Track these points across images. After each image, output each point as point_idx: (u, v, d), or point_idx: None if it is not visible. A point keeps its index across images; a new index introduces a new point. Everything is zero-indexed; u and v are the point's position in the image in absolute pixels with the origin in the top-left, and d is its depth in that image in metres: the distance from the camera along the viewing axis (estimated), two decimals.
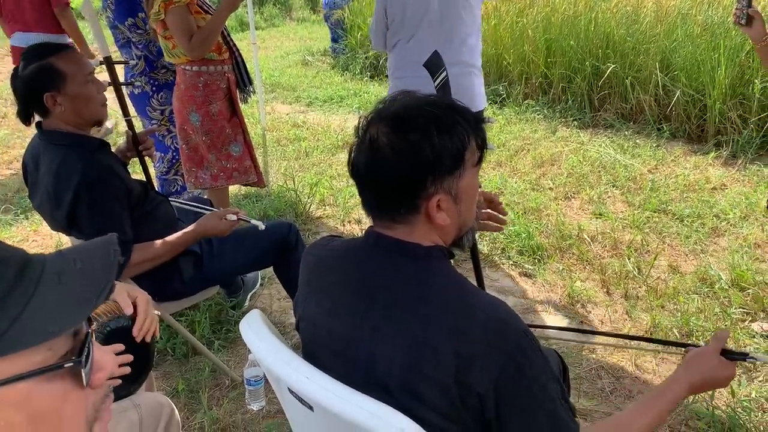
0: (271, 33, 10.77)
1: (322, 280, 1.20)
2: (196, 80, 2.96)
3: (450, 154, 1.06)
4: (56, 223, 2.15)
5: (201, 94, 2.98)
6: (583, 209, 3.86)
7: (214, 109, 3.02)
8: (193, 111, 3.00)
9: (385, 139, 1.06)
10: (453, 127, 1.08)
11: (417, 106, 1.09)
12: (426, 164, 1.05)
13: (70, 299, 0.64)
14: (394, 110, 1.09)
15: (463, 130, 1.09)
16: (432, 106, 1.09)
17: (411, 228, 1.11)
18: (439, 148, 1.05)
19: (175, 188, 3.67)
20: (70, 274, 0.66)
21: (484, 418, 1.04)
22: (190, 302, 2.44)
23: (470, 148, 1.10)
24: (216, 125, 3.05)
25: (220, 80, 3.01)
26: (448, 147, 1.06)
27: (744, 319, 2.71)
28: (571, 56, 5.60)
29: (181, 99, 3.02)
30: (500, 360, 1.00)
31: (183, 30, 2.81)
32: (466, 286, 1.11)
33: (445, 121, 1.07)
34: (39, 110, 2.04)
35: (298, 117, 5.98)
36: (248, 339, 1.21)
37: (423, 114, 1.07)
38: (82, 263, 0.67)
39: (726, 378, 1.25)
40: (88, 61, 2.11)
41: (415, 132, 1.05)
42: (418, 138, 1.04)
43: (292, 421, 1.32)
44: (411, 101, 1.10)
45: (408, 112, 1.08)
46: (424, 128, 1.05)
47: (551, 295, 3.02)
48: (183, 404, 2.37)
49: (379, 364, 1.07)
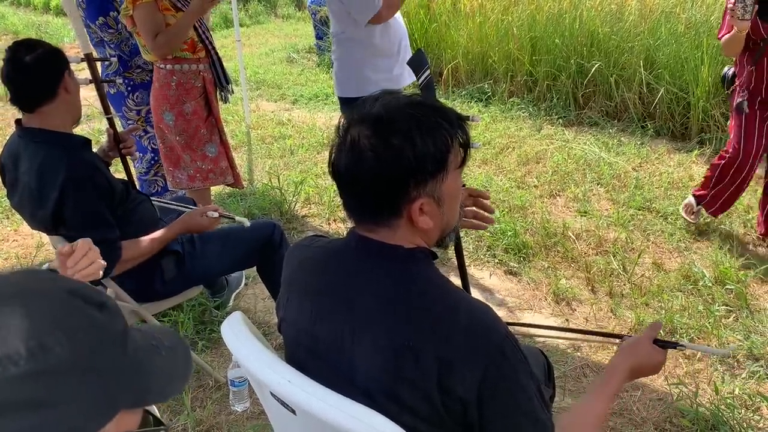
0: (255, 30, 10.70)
1: (304, 281, 1.19)
2: (169, 79, 2.92)
3: (433, 158, 1.04)
4: (38, 223, 2.11)
5: (174, 93, 2.94)
6: (568, 207, 3.87)
7: (187, 108, 2.97)
8: (166, 110, 2.96)
9: (367, 143, 1.03)
10: (435, 130, 1.05)
11: (398, 108, 1.06)
12: (408, 169, 1.03)
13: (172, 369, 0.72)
14: (376, 112, 1.06)
15: (446, 132, 1.06)
16: (414, 108, 1.06)
17: (393, 231, 1.10)
18: (421, 153, 1.03)
19: (156, 189, 3.63)
20: (165, 348, 0.71)
21: (467, 422, 1.03)
22: (172, 303, 2.41)
23: (453, 150, 1.08)
24: (190, 125, 3.01)
25: (194, 79, 2.97)
26: (431, 151, 1.04)
27: (727, 316, 2.73)
28: (556, 54, 5.61)
29: (156, 97, 2.99)
30: (483, 364, 0.99)
31: (149, 27, 2.76)
32: (448, 289, 1.09)
33: (427, 123, 1.05)
34: (47, 90, 2.01)
35: (283, 115, 5.94)
36: (230, 342, 1.20)
37: (405, 117, 1.04)
38: (161, 341, 0.72)
39: (658, 364, 1.33)
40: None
41: (396, 136, 1.02)
42: (400, 142, 1.02)
43: (275, 424, 1.30)
44: (392, 102, 1.07)
45: (390, 115, 1.05)
46: (405, 132, 1.03)
47: (536, 293, 3.02)
48: (166, 406, 2.34)
49: (361, 368, 1.05)
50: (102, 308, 0.64)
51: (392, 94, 1.11)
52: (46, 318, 0.58)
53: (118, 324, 0.65)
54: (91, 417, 0.59)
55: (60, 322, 0.59)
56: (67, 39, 10.00)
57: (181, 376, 0.74)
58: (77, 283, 0.66)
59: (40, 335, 0.56)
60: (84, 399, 0.58)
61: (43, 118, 2.02)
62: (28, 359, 0.54)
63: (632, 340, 1.35)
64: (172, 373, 0.71)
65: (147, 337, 0.69)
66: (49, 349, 0.56)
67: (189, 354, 0.77)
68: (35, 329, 0.56)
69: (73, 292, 0.63)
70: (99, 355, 0.60)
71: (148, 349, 0.67)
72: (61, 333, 0.58)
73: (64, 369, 0.56)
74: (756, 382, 2.36)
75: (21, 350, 0.54)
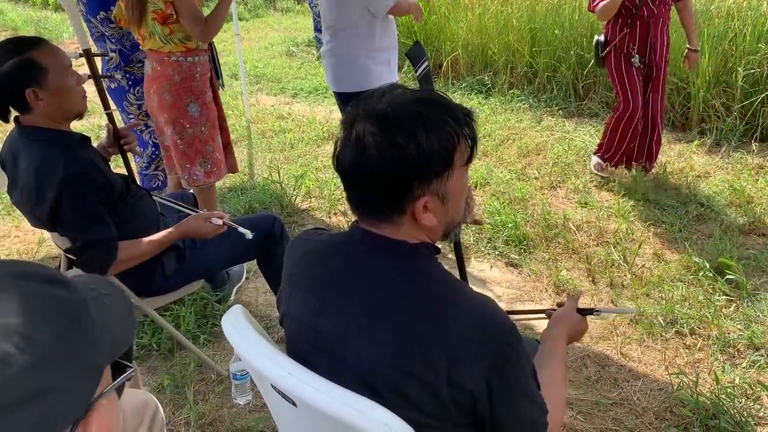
0: (254, 24, 10.67)
1: (306, 275, 1.18)
2: (194, 70, 2.91)
3: (437, 156, 1.03)
4: (37, 220, 2.12)
5: (198, 84, 2.93)
6: (568, 198, 3.87)
7: (208, 97, 2.99)
8: (191, 102, 2.93)
9: (372, 140, 1.02)
10: (441, 127, 1.04)
11: (404, 105, 1.05)
12: (412, 168, 1.02)
13: (121, 314, 0.72)
14: (381, 108, 1.04)
15: (452, 129, 1.05)
16: (420, 105, 1.05)
17: (397, 227, 1.09)
18: (426, 152, 1.02)
19: (156, 184, 3.64)
20: (102, 298, 0.70)
21: (476, 415, 1.04)
22: (174, 297, 2.42)
23: (459, 148, 1.06)
24: (212, 113, 3.02)
25: (207, 70, 2.99)
26: (436, 149, 1.03)
27: (728, 306, 2.73)
28: (556, 45, 5.59)
29: (176, 92, 2.91)
30: (490, 357, 1.01)
31: (195, 13, 2.77)
32: (453, 284, 1.09)
33: (433, 121, 1.03)
34: (19, 106, 2.00)
35: (283, 108, 5.93)
36: (230, 336, 1.20)
37: (410, 114, 1.03)
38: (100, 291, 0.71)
39: (584, 329, 1.52)
40: (65, 53, 2.07)
41: (401, 134, 1.01)
42: (405, 141, 1.01)
43: (277, 417, 1.31)
44: (398, 98, 1.06)
45: (395, 112, 1.03)
46: (411, 130, 1.01)
47: (537, 284, 3.03)
48: (169, 399, 2.36)
49: (366, 363, 1.05)
50: (54, 282, 0.65)
51: (399, 88, 1.10)
52: (16, 310, 0.59)
53: (76, 293, 0.66)
54: (86, 385, 0.62)
55: (31, 310, 0.59)
56: (66, 34, 9.98)
57: (128, 317, 0.74)
58: (18, 265, 0.66)
59: (20, 329, 0.57)
60: (76, 373, 0.60)
61: (37, 116, 2.01)
62: (18, 356, 0.55)
63: (561, 312, 1.50)
64: (123, 317, 0.72)
65: (90, 291, 0.69)
66: (34, 339, 0.57)
67: (123, 293, 0.77)
68: (13, 325, 0.57)
69: (20, 275, 0.63)
70: (75, 328, 0.62)
71: (98, 303, 0.68)
72: (38, 319, 0.59)
73: (52, 353, 0.58)
74: (756, 372, 2.37)
75: (9, 349, 0.55)
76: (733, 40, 4.66)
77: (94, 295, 0.69)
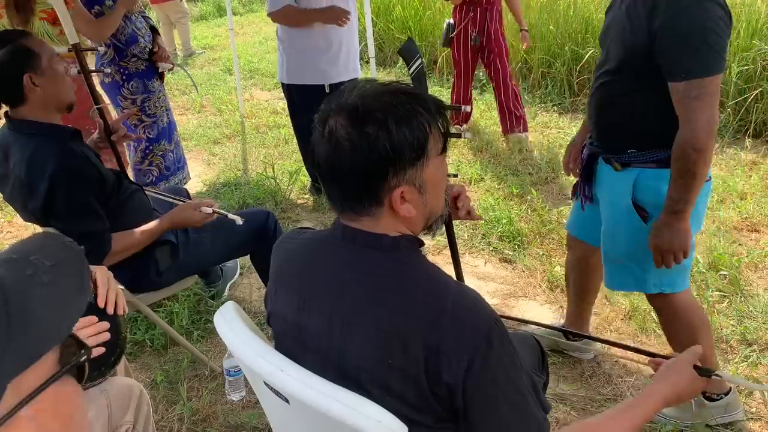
0: (249, 18, 10.62)
1: (291, 273, 1.19)
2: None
3: (410, 145, 1.03)
4: (29, 214, 2.11)
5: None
6: (562, 194, 3.87)
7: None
8: None
9: (344, 132, 1.03)
10: (412, 117, 1.04)
11: (375, 96, 1.05)
12: (385, 158, 1.02)
13: (63, 292, 0.61)
14: (352, 101, 1.05)
15: (424, 119, 1.05)
16: (390, 96, 1.05)
17: (376, 219, 1.09)
18: (398, 141, 1.02)
19: (150, 179, 3.62)
20: (46, 271, 0.60)
21: (454, 408, 1.03)
22: (167, 293, 2.41)
23: (432, 137, 1.07)
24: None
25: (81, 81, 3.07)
26: (408, 138, 1.03)
27: (721, 302, 2.74)
28: (551, 41, 5.59)
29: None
30: (469, 351, 0.99)
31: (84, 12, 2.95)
32: (435, 276, 1.09)
33: (404, 111, 1.04)
34: (14, 96, 1.98)
35: (277, 104, 5.91)
36: (223, 332, 1.20)
37: (380, 105, 1.03)
38: (47, 261, 0.61)
39: (696, 392, 1.25)
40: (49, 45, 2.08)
41: (372, 125, 1.02)
42: (375, 131, 1.01)
43: (269, 413, 1.31)
44: (369, 91, 1.06)
45: (365, 104, 1.04)
46: (381, 120, 1.02)
47: (531, 280, 3.03)
48: (162, 396, 2.35)
49: (350, 357, 1.05)
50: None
51: (370, 82, 1.10)
52: None
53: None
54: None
55: None
56: None
57: (77, 293, 0.63)
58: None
59: None
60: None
61: (28, 109, 2.00)
62: None
63: (675, 364, 1.24)
64: (64, 299, 0.61)
65: (19, 268, 0.59)
66: None
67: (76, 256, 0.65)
68: None
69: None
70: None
71: (23, 288, 0.58)
72: None
73: None
74: (748, 367, 2.37)
75: None
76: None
77: (29, 272, 0.59)
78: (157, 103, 3.50)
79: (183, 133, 4.92)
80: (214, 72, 7.23)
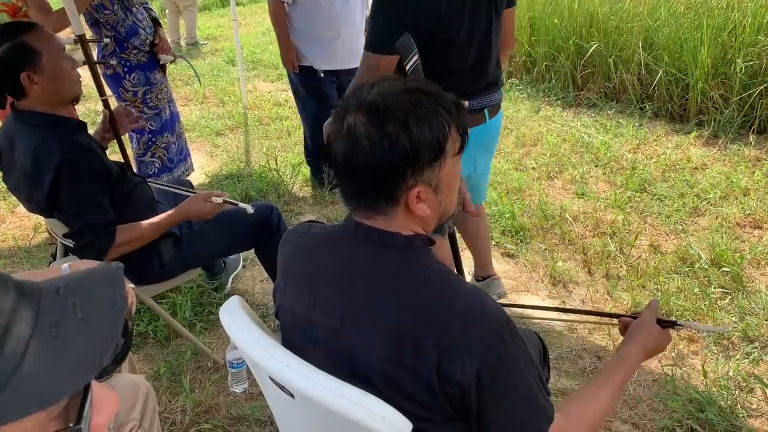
0: (252, 9, 10.58)
1: (300, 269, 1.18)
2: None
3: (429, 145, 1.03)
4: (34, 205, 2.11)
5: None
6: (565, 189, 3.87)
7: None
8: None
9: (363, 130, 1.02)
10: (432, 117, 1.04)
11: (395, 95, 1.05)
12: (404, 158, 1.02)
13: (70, 359, 0.51)
14: (372, 99, 1.04)
15: (444, 119, 1.05)
16: (410, 95, 1.05)
17: (390, 218, 1.09)
18: (418, 141, 1.02)
19: (152, 170, 3.62)
20: (68, 325, 0.52)
21: (465, 407, 1.03)
22: (170, 285, 2.42)
23: (451, 137, 1.07)
24: None
25: None
26: (428, 139, 1.03)
27: (723, 298, 2.75)
28: (555, 35, 5.56)
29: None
30: (481, 351, 0.99)
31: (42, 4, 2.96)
32: (447, 276, 1.09)
33: (425, 111, 1.03)
34: (14, 91, 1.98)
35: (280, 95, 5.90)
36: (228, 327, 1.20)
37: (401, 104, 1.03)
38: (83, 311, 0.54)
39: (665, 344, 1.38)
40: (58, 38, 2.06)
41: (392, 124, 1.01)
42: (396, 130, 1.01)
43: (274, 408, 1.31)
44: (389, 89, 1.06)
45: (386, 102, 1.03)
46: (402, 120, 1.02)
47: (533, 275, 3.03)
48: (165, 387, 2.36)
49: (361, 355, 1.05)
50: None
51: (389, 79, 1.10)
52: None
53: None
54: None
55: None
56: None
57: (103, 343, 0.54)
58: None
59: None
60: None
61: (33, 100, 2.00)
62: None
63: (639, 323, 1.35)
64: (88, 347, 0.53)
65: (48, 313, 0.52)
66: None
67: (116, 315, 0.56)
68: None
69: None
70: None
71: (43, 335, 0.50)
72: None
73: None
74: (750, 364, 2.38)
75: None
76: (733, 31, 4.64)
77: (52, 320, 0.52)
78: (159, 95, 3.49)
79: (186, 124, 4.92)
80: (217, 63, 7.21)
